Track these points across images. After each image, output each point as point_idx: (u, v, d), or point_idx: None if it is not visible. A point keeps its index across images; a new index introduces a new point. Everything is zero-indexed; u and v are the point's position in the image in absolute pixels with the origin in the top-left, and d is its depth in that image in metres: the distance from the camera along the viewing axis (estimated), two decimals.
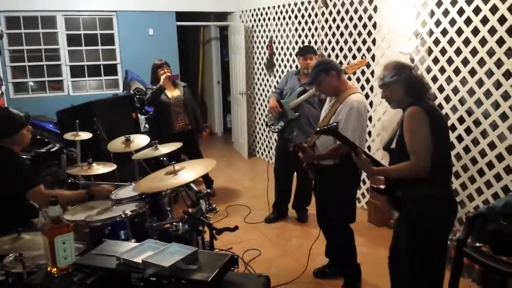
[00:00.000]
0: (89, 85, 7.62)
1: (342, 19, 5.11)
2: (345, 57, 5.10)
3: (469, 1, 3.67)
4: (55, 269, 1.77)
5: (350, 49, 5.04)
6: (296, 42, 6.03)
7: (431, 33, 4.06)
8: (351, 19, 4.96)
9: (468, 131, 3.85)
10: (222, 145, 8.77)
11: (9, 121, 2.89)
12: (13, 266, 1.98)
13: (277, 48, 6.57)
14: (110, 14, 7.46)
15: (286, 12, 6.19)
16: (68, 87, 7.41)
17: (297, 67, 5.70)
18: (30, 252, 2.05)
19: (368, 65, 4.77)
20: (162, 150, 3.37)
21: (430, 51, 4.08)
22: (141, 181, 2.85)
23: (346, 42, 5.09)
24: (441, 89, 4.02)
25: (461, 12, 3.74)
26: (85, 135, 4.03)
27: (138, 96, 6.23)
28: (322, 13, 5.43)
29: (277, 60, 6.61)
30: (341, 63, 4.99)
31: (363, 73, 4.90)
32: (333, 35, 5.29)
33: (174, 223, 2.69)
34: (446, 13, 3.87)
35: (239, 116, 7.63)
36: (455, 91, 3.90)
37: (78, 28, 7.36)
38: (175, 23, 7.83)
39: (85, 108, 4.97)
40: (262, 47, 6.98)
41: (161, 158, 3.31)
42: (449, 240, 3.54)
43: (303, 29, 5.87)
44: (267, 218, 4.83)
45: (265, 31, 6.85)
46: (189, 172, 2.72)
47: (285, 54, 6.37)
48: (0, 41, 6.35)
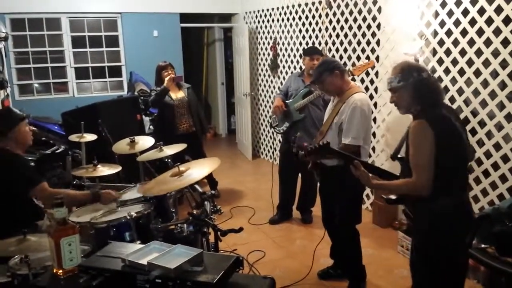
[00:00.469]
0: (93, 86, 7.65)
1: (346, 20, 5.10)
2: (349, 58, 5.09)
3: (473, 1, 3.66)
4: (61, 271, 1.77)
5: (354, 50, 5.03)
6: (300, 44, 6.03)
7: (435, 33, 4.05)
8: (355, 20, 4.96)
9: (473, 132, 3.84)
10: (226, 146, 8.77)
11: (7, 117, 2.91)
12: (19, 268, 2.00)
13: (281, 50, 6.57)
14: (114, 16, 7.48)
15: (290, 13, 6.19)
16: (73, 88, 7.44)
17: (301, 68, 5.72)
18: (35, 254, 2.06)
19: (373, 66, 4.76)
20: (167, 151, 3.38)
21: (434, 52, 4.07)
22: (148, 184, 2.86)
23: (350, 43, 5.09)
24: (445, 90, 4.00)
25: (465, 12, 3.73)
26: (90, 137, 4.05)
27: (142, 98, 6.25)
28: (326, 14, 5.42)
29: (281, 61, 6.61)
30: (345, 64, 4.99)
31: (367, 74, 4.89)
32: (337, 36, 5.28)
33: (179, 225, 2.70)
34: (450, 13, 3.86)
35: (243, 117, 7.63)
36: (460, 92, 3.89)
37: (82, 30, 7.38)
38: (179, 25, 7.85)
39: (90, 110, 4.99)
40: (266, 49, 6.98)
41: (166, 160, 3.32)
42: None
43: (307, 30, 5.87)
44: (271, 219, 4.82)
45: (269, 32, 6.85)
46: (194, 172, 2.72)
47: (289, 55, 6.36)
48: (5, 43, 6.38)
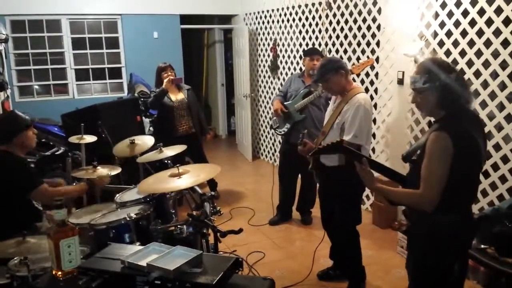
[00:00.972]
0: (94, 88, 7.65)
1: (346, 21, 5.11)
2: (349, 59, 5.09)
3: (473, 2, 3.66)
4: (60, 273, 1.78)
5: (354, 51, 5.03)
6: (300, 45, 6.03)
7: (435, 34, 4.05)
8: (355, 21, 4.96)
9: None
10: (226, 148, 8.77)
11: (13, 123, 2.94)
12: (18, 270, 2.00)
13: (281, 51, 6.58)
14: (114, 18, 7.49)
15: (290, 14, 6.20)
16: (73, 90, 7.44)
17: (301, 69, 5.72)
18: (35, 255, 2.06)
19: (373, 67, 4.77)
20: (167, 153, 3.38)
21: (434, 53, 4.07)
22: (144, 181, 2.86)
23: (350, 44, 5.09)
24: None
25: (465, 13, 3.73)
26: (90, 138, 4.05)
27: (142, 99, 6.25)
28: (326, 16, 5.43)
29: (281, 62, 6.61)
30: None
31: (367, 75, 4.89)
32: (337, 37, 5.29)
33: (179, 226, 2.69)
34: (450, 14, 3.86)
35: (243, 119, 7.63)
36: None
37: (83, 31, 7.39)
38: (180, 26, 7.85)
39: (90, 111, 4.99)
40: (266, 50, 6.99)
41: (166, 161, 3.32)
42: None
43: (307, 31, 5.87)
44: (271, 220, 4.82)
45: (269, 33, 6.86)
46: (192, 177, 2.72)
47: (289, 56, 6.37)
48: (6, 45, 6.38)
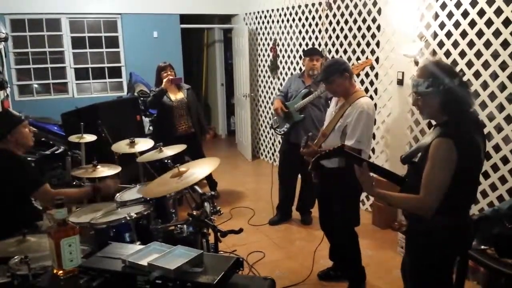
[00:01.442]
0: (93, 87, 7.65)
1: (346, 22, 5.11)
2: (349, 59, 5.09)
3: (473, 3, 3.67)
4: (61, 272, 1.77)
5: (354, 51, 5.04)
6: (300, 45, 6.03)
7: (435, 35, 4.06)
8: (355, 21, 4.96)
9: None
10: (226, 147, 8.77)
11: (4, 120, 2.93)
12: (18, 268, 1.99)
13: (280, 51, 6.58)
14: (114, 17, 7.48)
15: (290, 14, 6.20)
16: (73, 89, 7.44)
17: (300, 69, 5.72)
18: (35, 254, 2.06)
19: (372, 68, 4.77)
20: (167, 152, 3.39)
21: (434, 54, 4.08)
22: (148, 186, 2.86)
23: (350, 44, 5.09)
24: None
25: (465, 14, 3.74)
26: (90, 138, 4.05)
27: (142, 99, 6.25)
28: (326, 16, 5.43)
29: (280, 62, 6.61)
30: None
31: (367, 75, 4.90)
32: (337, 37, 5.29)
33: (179, 226, 2.70)
34: (450, 15, 3.86)
35: (243, 118, 7.63)
36: None
37: (82, 30, 7.39)
38: (179, 26, 7.85)
39: (89, 111, 4.99)
40: (266, 50, 6.99)
41: (166, 161, 3.32)
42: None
43: (307, 31, 5.87)
44: (271, 220, 4.83)
45: (269, 33, 6.86)
46: (194, 173, 2.72)
47: (288, 56, 6.37)
48: (5, 43, 6.38)
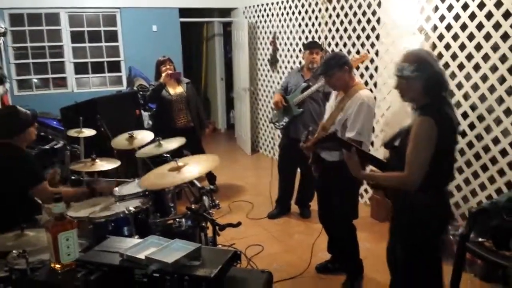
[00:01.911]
0: (92, 82, 7.64)
1: (345, 15, 5.09)
2: (349, 52, 5.08)
3: None
4: (58, 266, 1.78)
5: (354, 44, 5.02)
6: (300, 38, 6.02)
7: (435, 28, 4.04)
8: (354, 14, 4.94)
9: (472, 126, 3.84)
10: (225, 141, 8.77)
11: (16, 119, 2.95)
12: (16, 263, 2.00)
13: (280, 44, 6.56)
14: (113, 11, 7.46)
15: (290, 7, 6.18)
16: (72, 84, 7.43)
17: (300, 63, 5.71)
18: (33, 248, 2.06)
19: (372, 61, 4.76)
20: (166, 147, 3.38)
21: (434, 47, 4.06)
22: (144, 177, 2.86)
23: (349, 37, 5.08)
24: None
25: (465, 7, 3.72)
26: (89, 132, 4.04)
27: (141, 93, 6.24)
28: (326, 9, 5.41)
29: (280, 56, 6.60)
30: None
31: (366, 68, 4.89)
32: (337, 30, 5.27)
33: (177, 219, 2.71)
34: (450, 8, 3.85)
35: (242, 112, 7.63)
36: (459, 86, 3.89)
37: (81, 25, 7.37)
38: (179, 20, 7.83)
39: (89, 105, 4.99)
40: (266, 43, 6.97)
41: (165, 155, 3.32)
42: (451, 235, 3.54)
43: (306, 24, 5.85)
44: (270, 214, 4.84)
45: (268, 27, 6.84)
46: (192, 169, 2.72)
47: (288, 50, 6.35)
48: (4, 38, 6.37)
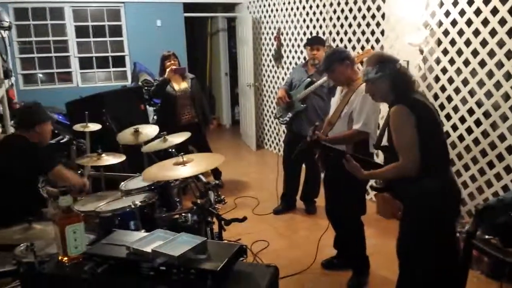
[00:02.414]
0: (97, 76, 7.66)
1: (350, 10, 5.07)
2: (354, 48, 5.07)
3: None
4: (66, 258, 1.79)
5: (359, 40, 5.01)
6: (304, 33, 6.00)
7: (440, 24, 4.02)
8: (359, 9, 4.92)
9: (478, 123, 3.82)
10: (230, 137, 8.78)
11: (38, 112, 3.11)
12: (24, 256, 2.01)
13: (285, 40, 6.55)
14: (117, 6, 7.46)
15: (294, 2, 6.16)
16: (77, 78, 7.45)
17: (305, 58, 5.69)
18: (41, 241, 2.07)
19: None
20: (171, 141, 3.39)
21: (439, 42, 4.05)
22: (148, 169, 2.87)
23: (354, 33, 5.06)
24: (450, 80, 3.99)
25: (470, 2, 3.70)
26: (94, 127, 4.06)
27: (146, 88, 6.25)
28: (330, 4, 5.39)
29: (285, 51, 6.58)
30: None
31: None
32: (341, 26, 5.26)
33: (183, 214, 2.71)
34: (455, 3, 3.83)
35: (247, 108, 7.62)
36: (465, 82, 3.88)
37: (86, 19, 7.38)
38: (183, 15, 7.82)
39: (94, 100, 5.00)
40: (270, 39, 6.96)
41: (170, 150, 3.33)
42: (458, 233, 3.52)
43: (311, 20, 5.84)
44: (275, 209, 4.84)
45: (273, 22, 6.82)
46: (196, 166, 2.73)
47: (293, 45, 6.34)
48: (9, 32, 6.38)
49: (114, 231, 1.96)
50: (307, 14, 5.89)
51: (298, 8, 6.10)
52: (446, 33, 3.96)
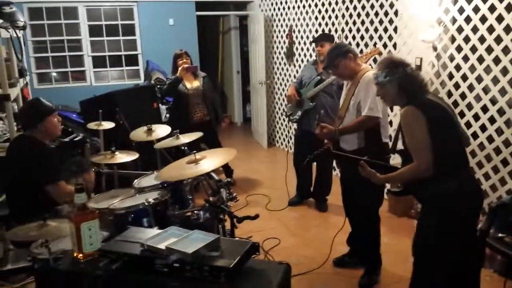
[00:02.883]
0: (110, 75, 7.72)
1: (363, 7, 5.04)
2: (366, 45, 5.04)
3: None
4: (81, 255, 1.82)
5: (371, 37, 4.98)
6: (316, 31, 5.98)
7: (454, 20, 3.99)
8: (372, 6, 4.89)
9: (492, 120, 3.79)
10: (242, 135, 8.79)
11: (37, 109, 2.99)
12: (39, 252, 2.04)
13: (296, 37, 6.53)
14: (130, 5, 7.51)
15: (306, 0, 6.14)
16: (91, 77, 7.51)
17: (317, 56, 5.69)
18: (55, 238, 2.11)
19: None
20: (183, 139, 3.41)
21: (453, 39, 4.01)
22: (163, 169, 2.89)
23: (367, 30, 5.03)
24: (464, 77, 3.95)
25: None
26: (108, 125, 4.09)
27: (159, 86, 6.28)
28: (343, 1, 5.37)
29: (296, 49, 6.57)
30: (362, 52, 4.94)
31: None
32: (354, 23, 5.23)
33: (196, 211, 2.73)
34: (469, 0, 3.80)
35: (258, 106, 7.62)
36: (479, 79, 3.84)
37: (99, 18, 7.44)
38: (195, 13, 7.85)
39: (107, 98, 5.03)
40: (282, 36, 6.95)
41: (182, 148, 3.35)
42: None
43: (323, 17, 5.82)
44: (290, 201, 4.94)
45: (284, 20, 6.81)
46: (210, 162, 2.74)
47: (304, 43, 6.32)
48: (24, 32, 6.45)
49: (128, 228, 1.99)
50: (319, 11, 5.87)
51: (310, 6, 6.08)
52: (460, 30, 3.92)
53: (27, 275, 2.60)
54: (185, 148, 3.30)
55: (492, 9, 3.62)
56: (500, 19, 3.58)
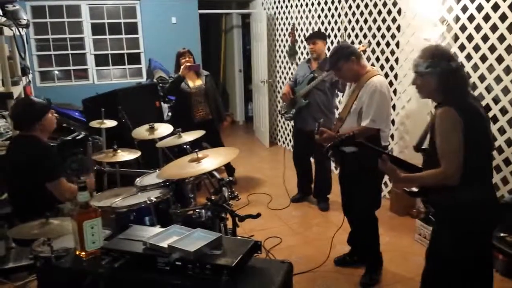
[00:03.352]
0: (113, 73, 7.72)
1: (366, 5, 5.03)
2: (369, 44, 5.02)
3: None
4: (83, 253, 1.82)
5: (374, 36, 4.97)
6: (319, 29, 5.97)
7: (457, 19, 3.98)
8: (375, 5, 4.88)
9: (495, 119, 3.78)
10: (244, 134, 8.79)
11: (32, 108, 2.96)
12: (41, 250, 2.05)
13: (299, 36, 6.53)
14: (133, 3, 7.52)
15: None
16: (93, 75, 7.52)
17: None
18: (58, 236, 2.11)
19: (393, 52, 4.71)
20: (186, 138, 3.41)
21: (456, 38, 4.00)
22: (165, 167, 2.89)
23: (370, 28, 5.02)
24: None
25: None
26: (110, 123, 4.09)
27: (161, 85, 6.28)
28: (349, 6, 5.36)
29: (299, 47, 6.57)
30: (365, 51, 4.93)
31: (387, 60, 4.84)
32: (357, 21, 5.22)
33: (197, 210, 2.73)
34: None
35: (260, 104, 7.62)
36: (482, 78, 3.83)
37: (102, 17, 7.45)
38: (198, 11, 7.85)
39: (110, 97, 5.03)
40: (284, 35, 6.94)
41: (184, 146, 3.35)
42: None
43: (326, 15, 5.81)
44: (293, 198, 4.99)
45: (287, 18, 6.81)
46: (212, 160, 2.74)
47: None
48: (26, 30, 6.46)
49: (131, 226, 1.99)
50: (322, 10, 5.87)
51: (312, 4, 6.07)
52: (463, 28, 3.91)
53: (29, 273, 2.61)
54: (187, 146, 3.30)
55: (496, 7, 3.61)
56: (503, 17, 3.57)
